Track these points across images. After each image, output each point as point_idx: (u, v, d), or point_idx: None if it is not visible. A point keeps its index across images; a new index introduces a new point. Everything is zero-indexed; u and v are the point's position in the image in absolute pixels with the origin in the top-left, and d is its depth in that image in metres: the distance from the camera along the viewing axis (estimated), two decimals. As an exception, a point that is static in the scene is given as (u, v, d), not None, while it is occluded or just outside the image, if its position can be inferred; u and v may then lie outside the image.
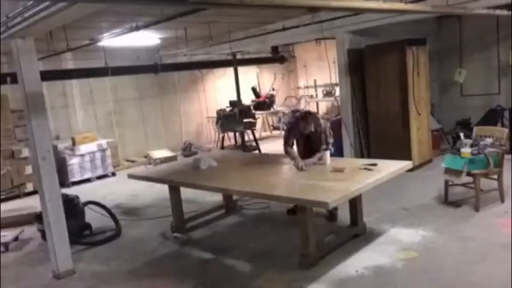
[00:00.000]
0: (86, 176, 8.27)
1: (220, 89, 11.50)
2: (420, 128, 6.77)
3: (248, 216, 5.48)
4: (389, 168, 4.07)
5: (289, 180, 4.23)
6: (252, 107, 10.77)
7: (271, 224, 5.13)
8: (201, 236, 4.96)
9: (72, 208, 5.11)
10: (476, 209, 4.78)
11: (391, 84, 6.67)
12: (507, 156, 5.25)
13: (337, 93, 9.78)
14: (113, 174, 8.65)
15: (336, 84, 10.44)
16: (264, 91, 12.27)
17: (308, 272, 3.76)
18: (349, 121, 7.12)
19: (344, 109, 7.21)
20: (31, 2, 3.05)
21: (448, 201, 5.13)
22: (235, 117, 9.81)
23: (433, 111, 7.84)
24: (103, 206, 5.55)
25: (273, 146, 10.26)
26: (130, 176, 5.28)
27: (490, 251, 3.83)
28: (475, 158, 4.76)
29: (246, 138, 10.02)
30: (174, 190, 5.06)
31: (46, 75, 5.87)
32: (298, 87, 13.43)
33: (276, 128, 12.60)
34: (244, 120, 9.76)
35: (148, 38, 7.56)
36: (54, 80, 8.24)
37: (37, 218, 4.96)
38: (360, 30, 6.72)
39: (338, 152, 7.32)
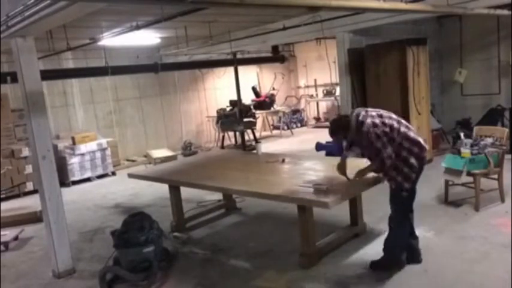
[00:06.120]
0: (86, 175, 8.27)
1: (220, 89, 11.51)
2: (420, 127, 6.76)
3: (248, 216, 5.48)
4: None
5: (289, 180, 4.23)
6: (252, 107, 10.79)
7: (271, 223, 5.12)
8: (201, 235, 4.95)
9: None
10: (476, 209, 4.78)
11: (391, 84, 6.67)
12: (507, 156, 5.25)
13: (338, 92, 9.79)
14: (113, 173, 8.65)
15: (336, 84, 10.46)
16: (264, 90, 12.28)
17: (308, 271, 3.76)
18: (349, 121, 7.11)
19: (344, 109, 7.21)
20: (31, 1, 3.05)
21: (448, 201, 5.13)
22: (235, 116, 9.83)
23: (434, 111, 7.84)
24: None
25: (274, 145, 10.26)
26: (131, 176, 5.28)
27: (490, 251, 3.83)
28: (475, 158, 4.76)
29: (246, 137, 10.02)
30: (174, 189, 5.06)
31: (46, 75, 5.86)
32: (299, 87, 13.45)
33: (276, 128, 12.62)
34: (245, 119, 9.77)
35: (148, 38, 7.57)
36: (54, 79, 8.23)
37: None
38: (360, 29, 6.72)
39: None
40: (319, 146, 8.07)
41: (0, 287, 4.09)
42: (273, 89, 12.34)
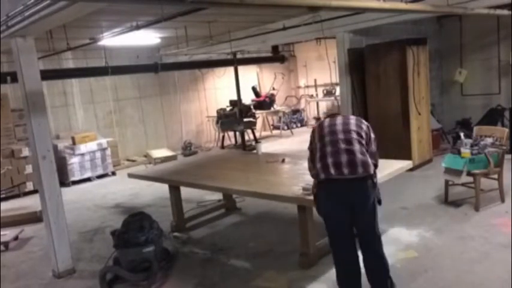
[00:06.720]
0: (86, 175, 8.27)
1: (220, 89, 11.51)
2: (420, 127, 6.77)
3: (248, 216, 5.48)
4: (389, 167, 4.06)
5: (289, 180, 4.22)
6: (252, 107, 10.79)
7: (271, 223, 5.12)
8: (201, 235, 4.96)
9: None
10: (476, 209, 4.78)
11: (391, 84, 6.66)
12: (507, 156, 5.25)
13: (338, 92, 9.79)
14: (113, 173, 8.65)
15: (336, 84, 10.45)
16: (264, 90, 12.28)
17: (308, 271, 3.76)
18: (349, 121, 7.11)
19: (344, 109, 7.20)
20: (31, 1, 3.05)
21: (448, 201, 5.13)
22: (235, 116, 9.83)
23: (433, 111, 7.85)
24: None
25: (274, 145, 10.26)
26: (131, 175, 5.28)
27: (489, 251, 3.83)
28: (475, 158, 4.76)
29: (246, 137, 10.02)
30: (174, 189, 5.06)
31: (46, 75, 5.87)
32: (299, 87, 13.45)
33: (276, 128, 12.62)
34: (245, 119, 9.77)
35: (148, 38, 7.56)
36: (54, 79, 8.24)
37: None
38: (360, 29, 6.72)
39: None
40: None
41: (0, 287, 4.09)
42: (273, 89, 12.34)
